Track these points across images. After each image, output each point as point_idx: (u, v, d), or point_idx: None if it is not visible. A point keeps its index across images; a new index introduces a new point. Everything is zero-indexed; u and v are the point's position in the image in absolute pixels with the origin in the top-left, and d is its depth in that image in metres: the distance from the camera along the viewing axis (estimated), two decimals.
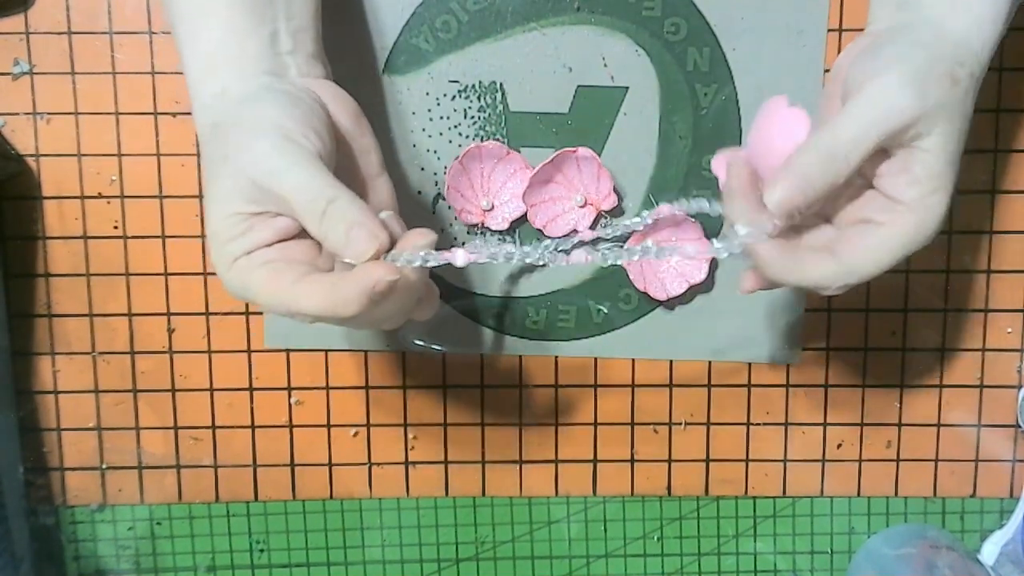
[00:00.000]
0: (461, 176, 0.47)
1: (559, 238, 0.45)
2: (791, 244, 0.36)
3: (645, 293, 0.48)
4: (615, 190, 0.47)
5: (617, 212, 0.48)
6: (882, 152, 0.35)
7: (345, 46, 0.46)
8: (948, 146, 0.34)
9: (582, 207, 0.47)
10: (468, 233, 0.49)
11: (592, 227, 0.48)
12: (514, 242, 0.46)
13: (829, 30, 0.47)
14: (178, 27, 0.36)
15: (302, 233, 0.34)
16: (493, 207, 0.48)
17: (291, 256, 0.33)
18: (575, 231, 0.48)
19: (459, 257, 0.34)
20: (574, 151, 0.46)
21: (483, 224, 0.48)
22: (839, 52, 0.45)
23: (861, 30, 0.39)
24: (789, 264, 0.36)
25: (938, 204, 0.35)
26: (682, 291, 0.48)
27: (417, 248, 0.33)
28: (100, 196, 0.48)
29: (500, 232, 0.48)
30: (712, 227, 0.46)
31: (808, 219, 0.38)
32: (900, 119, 0.34)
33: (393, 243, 0.33)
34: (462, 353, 0.50)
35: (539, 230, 0.48)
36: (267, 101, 0.34)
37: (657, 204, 0.43)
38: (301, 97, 0.35)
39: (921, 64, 0.34)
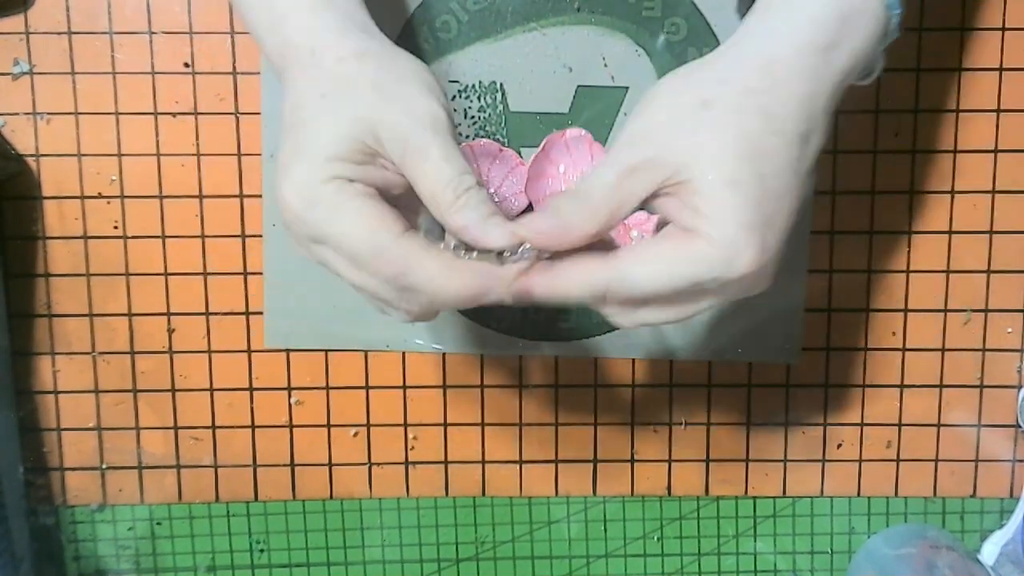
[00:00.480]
0: None
1: None
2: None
3: None
4: None
5: None
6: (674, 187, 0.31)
7: None
8: (718, 173, 0.29)
9: None
10: None
11: None
12: None
13: None
14: None
15: (392, 200, 0.32)
16: None
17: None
18: None
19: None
20: (562, 134, 0.46)
21: None
22: None
23: None
24: (550, 280, 0.31)
25: (735, 236, 0.29)
26: None
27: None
28: (100, 196, 0.48)
29: None
30: None
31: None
32: (639, 150, 0.30)
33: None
34: (462, 353, 0.50)
35: None
36: (412, 59, 0.33)
37: None
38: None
39: (669, 91, 0.31)
